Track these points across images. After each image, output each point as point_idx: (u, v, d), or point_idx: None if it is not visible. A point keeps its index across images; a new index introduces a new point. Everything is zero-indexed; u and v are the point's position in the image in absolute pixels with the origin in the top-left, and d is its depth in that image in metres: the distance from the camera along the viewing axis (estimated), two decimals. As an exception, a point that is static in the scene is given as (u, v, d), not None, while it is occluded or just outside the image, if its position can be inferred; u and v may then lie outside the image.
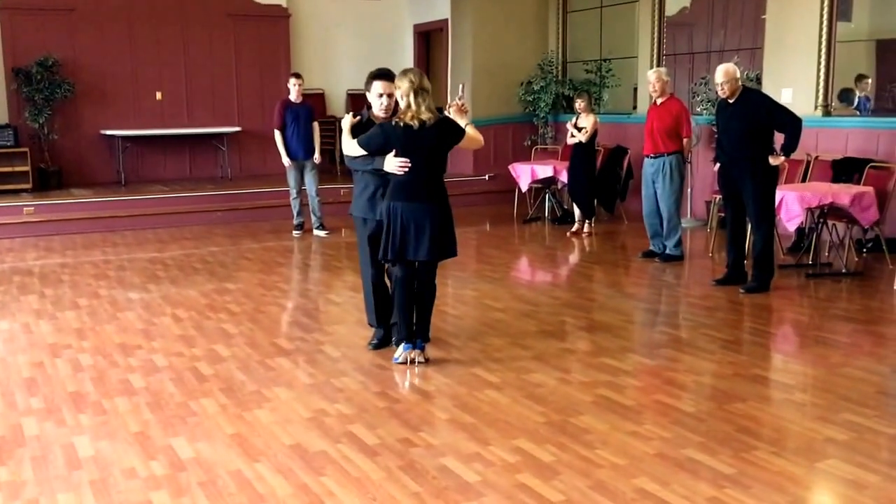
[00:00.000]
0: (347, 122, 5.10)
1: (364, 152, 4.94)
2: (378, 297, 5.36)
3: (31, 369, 5.14)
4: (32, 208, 10.28)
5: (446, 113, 5.08)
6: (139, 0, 12.14)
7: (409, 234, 4.86)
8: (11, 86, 11.36)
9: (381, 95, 5.03)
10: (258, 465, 3.75)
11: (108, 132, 11.94)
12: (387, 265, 5.27)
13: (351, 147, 5.00)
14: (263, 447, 3.94)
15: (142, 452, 3.90)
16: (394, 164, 4.83)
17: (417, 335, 5.10)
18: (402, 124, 4.79)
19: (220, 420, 4.28)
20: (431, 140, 4.83)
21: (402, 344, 5.09)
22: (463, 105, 5.09)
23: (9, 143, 11.09)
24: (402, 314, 5.06)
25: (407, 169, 4.81)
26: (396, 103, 4.97)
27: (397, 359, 5.09)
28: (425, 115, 4.77)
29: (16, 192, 10.89)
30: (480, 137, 5.08)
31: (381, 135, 4.87)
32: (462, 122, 5.01)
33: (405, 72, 4.83)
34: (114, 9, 12.00)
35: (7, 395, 4.70)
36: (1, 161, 11.07)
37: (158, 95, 12.44)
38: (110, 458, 3.84)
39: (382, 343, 5.40)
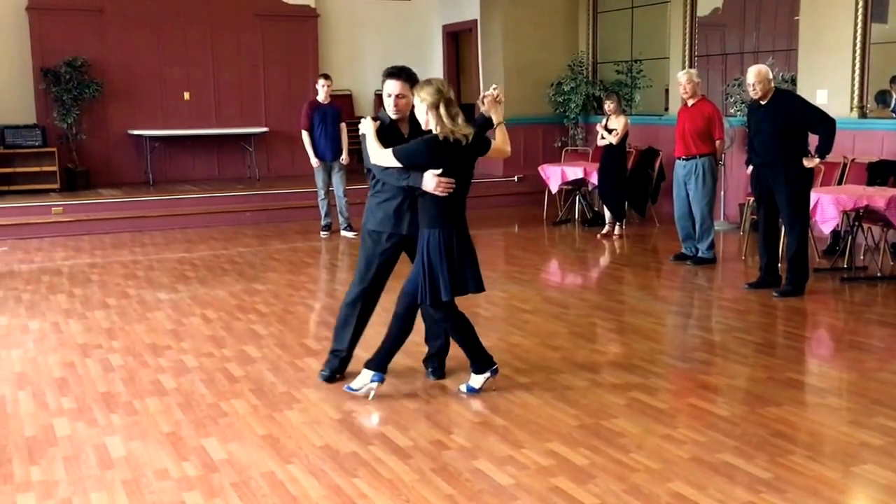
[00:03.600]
0: (370, 126, 4.47)
1: (399, 164, 4.37)
2: (360, 322, 4.79)
3: (62, 369, 5.17)
4: (61, 208, 10.37)
5: (478, 103, 4.65)
6: (167, 0, 12.22)
7: (468, 265, 4.41)
8: (40, 86, 11.46)
9: (390, 96, 4.51)
10: (290, 466, 3.74)
11: (136, 132, 12.03)
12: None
13: (384, 157, 4.39)
14: (295, 448, 3.93)
15: (174, 453, 3.90)
16: (435, 183, 4.26)
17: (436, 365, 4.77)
18: (451, 140, 4.26)
19: (252, 421, 4.27)
20: (473, 155, 4.40)
21: (489, 370, 4.61)
22: (498, 96, 4.58)
23: (37, 144, 11.19)
24: (473, 345, 4.60)
25: (451, 190, 4.30)
26: (410, 106, 4.49)
27: (476, 388, 4.62)
28: (467, 130, 4.28)
29: (44, 192, 10.98)
30: (508, 147, 4.58)
31: (424, 152, 4.29)
32: (495, 116, 4.56)
33: (430, 81, 4.31)
34: (142, 9, 12.08)
35: (38, 394, 4.73)
36: (29, 161, 11.19)
37: (186, 95, 12.50)
38: (142, 459, 3.85)
39: (340, 370, 4.86)
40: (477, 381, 4.63)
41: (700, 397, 4.53)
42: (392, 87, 4.51)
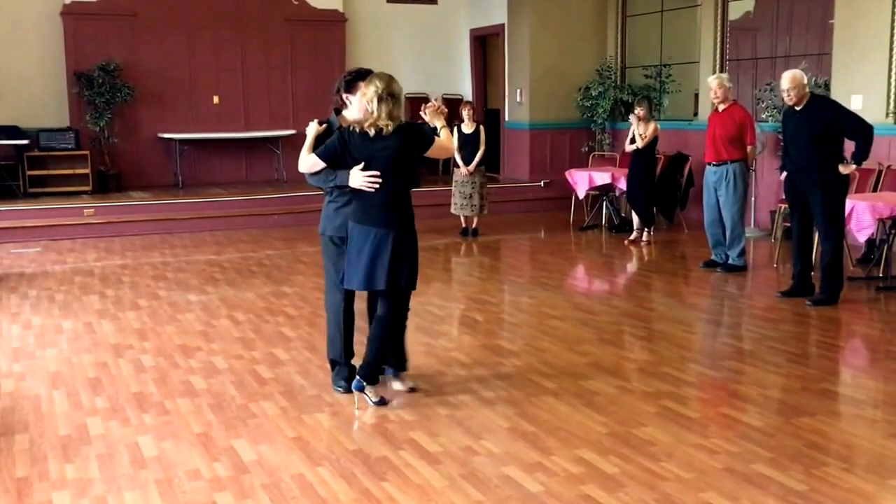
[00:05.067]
0: (312, 130, 4.53)
1: (323, 165, 4.43)
2: (346, 329, 4.71)
3: (96, 369, 5.22)
4: (93, 210, 10.48)
5: (421, 113, 4.66)
6: (198, 6, 12.31)
7: (353, 260, 4.38)
8: (73, 90, 11.59)
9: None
10: (320, 468, 3.75)
11: (166, 135, 12.12)
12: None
13: (308, 162, 4.48)
14: (325, 451, 3.94)
15: (205, 453, 3.93)
16: (360, 178, 4.28)
17: (358, 372, 4.50)
18: (357, 130, 4.31)
19: (281, 423, 4.29)
20: (389, 150, 4.28)
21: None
22: (439, 107, 4.61)
23: (70, 146, 11.33)
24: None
25: (378, 185, 4.27)
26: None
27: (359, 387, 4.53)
28: (382, 122, 4.24)
29: (76, 195, 11.10)
30: (451, 145, 4.65)
31: (337, 141, 4.37)
32: (438, 123, 4.57)
33: (372, 77, 4.34)
34: (174, 14, 12.18)
35: (73, 394, 4.78)
36: (62, 164, 11.32)
37: (216, 99, 12.58)
38: (174, 459, 3.88)
39: (350, 383, 4.60)
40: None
41: (732, 407, 4.48)
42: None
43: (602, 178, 10.18)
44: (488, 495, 3.47)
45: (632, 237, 9.49)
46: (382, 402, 4.51)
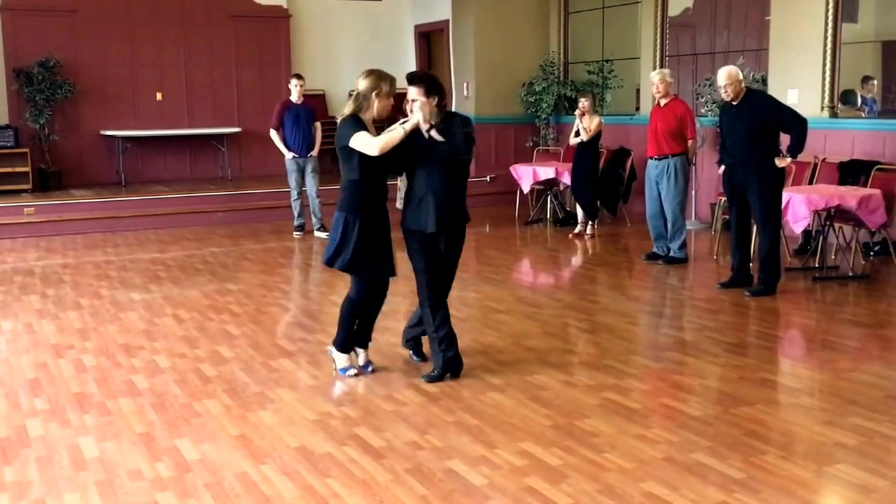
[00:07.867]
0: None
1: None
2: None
3: (35, 370, 5.13)
4: (33, 209, 10.26)
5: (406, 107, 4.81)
6: (140, 1, 12.14)
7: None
8: (12, 86, 11.35)
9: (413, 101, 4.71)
10: (264, 466, 3.73)
11: (109, 133, 11.93)
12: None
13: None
14: (269, 449, 3.92)
15: (147, 453, 3.88)
16: None
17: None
18: None
19: (225, 421, 4.26)
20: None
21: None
22: (413, 102, 4.69)
23: (9, 144, 11.08)
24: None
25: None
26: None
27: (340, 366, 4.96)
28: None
29: (16, 193, 10.87)
30: (376, 145, 4.54)
31: None
32: (412, 119, 4.60)
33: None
34: (115, 10, 12.00)
35: (11, 395, 4.69)
36: (1, 162, 11.05)
37: (159, 96, 12.42)
38: (116, 459, 3.83)
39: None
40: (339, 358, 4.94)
41: (673, 397, 4.57)
42: (411, 92, 4.71)
43: (546, 172, 10.26)
44: (432, 489, 3.50)
45: (576, 231, 9.59)
46: (348, 370, 4.88)
